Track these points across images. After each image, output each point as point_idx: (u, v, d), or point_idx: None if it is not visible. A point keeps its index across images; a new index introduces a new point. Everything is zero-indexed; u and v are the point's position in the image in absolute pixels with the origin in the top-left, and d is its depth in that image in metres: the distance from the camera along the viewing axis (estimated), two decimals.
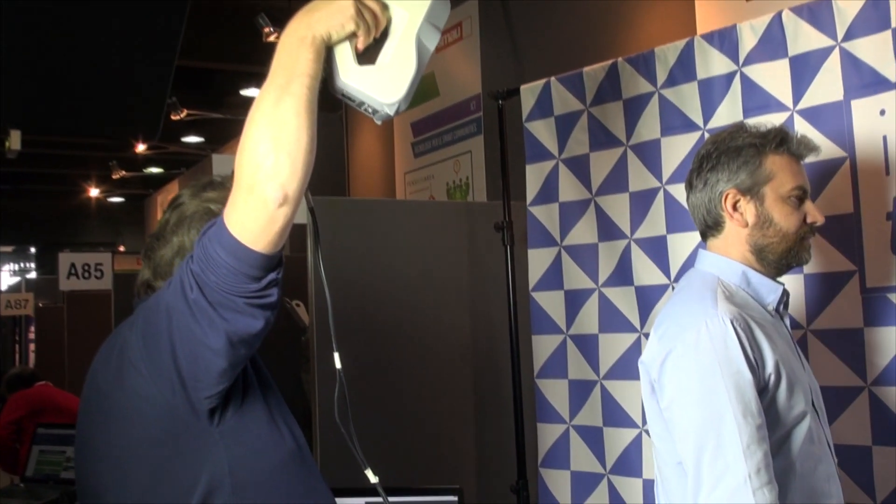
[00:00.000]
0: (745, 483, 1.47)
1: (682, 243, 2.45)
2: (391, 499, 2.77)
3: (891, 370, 2.07)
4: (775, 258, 1.67)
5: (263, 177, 1.23)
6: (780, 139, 1.68)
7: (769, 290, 1.68)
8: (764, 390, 1.55)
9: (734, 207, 1.69)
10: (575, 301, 2.78)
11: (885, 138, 2.06)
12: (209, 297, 1.30)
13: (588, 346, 2.74)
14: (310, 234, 2.95)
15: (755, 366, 1.54)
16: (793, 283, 2.13)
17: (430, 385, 3.14)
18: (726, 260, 1.70)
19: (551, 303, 2.85)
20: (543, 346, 2.87)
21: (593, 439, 2.73)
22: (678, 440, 1.57)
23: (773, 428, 1.56)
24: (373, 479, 1.43)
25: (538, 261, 2.88)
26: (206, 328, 1.31)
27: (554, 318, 2.84)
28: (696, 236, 2.36)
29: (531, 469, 2.89)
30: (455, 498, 2.66)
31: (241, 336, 1.32)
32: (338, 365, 1.42)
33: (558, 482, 2.82)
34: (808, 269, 2.19)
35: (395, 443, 3.04)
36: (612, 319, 2.66)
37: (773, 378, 1.55)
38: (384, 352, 3.08)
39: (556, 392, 2.84)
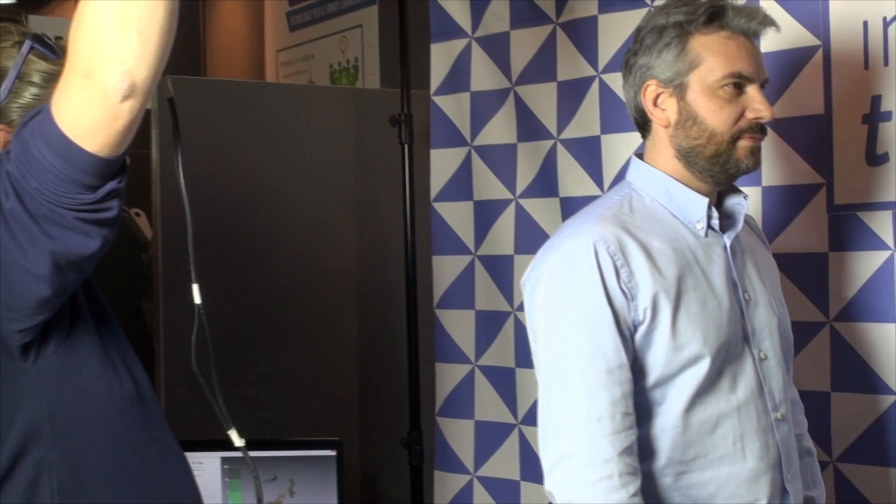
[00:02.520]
0: (582, 431, 1.54)
1: (619, 146, 2.46)
2: (258, 454, 2.79)
3: (857, 304, 2.14)
4: (705, 164, 1.66)
5: (104, 60, 1.19)
6: (711, 14, 1.64)
7: (695, 206, 1.69)
8: (639, 326, 1.59)
9: (654, 103, 1.69)
10: (486, 214, 2.79)
11: (865, 24, 2.09)
12: (30, 208, 1.26)
13: (500, 269, 2.76)
14: (154, 125, 2.88)
15: (624, 297, 1.58)
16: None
17: (305, 316, 3.14)
18: (648, 168, 1.72)
19: (457, 216, 2.85)
20: (446, 269, 2.88)
21: (503, 382, 2.77)
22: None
23: (649, 371, 1.61)
24: (238, 441, 1.45)
25: (443, 164, 2.87)
26: (25, 246, 1.27)
27: (460, 235, 2.85)
28: (635, 138, 2.39)
29: (427, 418, 2.92)
30: (333, 452, 2.73)
31: (70, 258, 1.29)
32: (197, 300, 1.42)
33: (459, 434, 2.86)
34: (766, 180, 2.24)
35: (263, 386, 3.04)
36: (530, 237, 2.67)
37: (648, 313, 1.59)
38: (248, 275, 3.06)
39: (459, 325, 2.86)
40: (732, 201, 1.75)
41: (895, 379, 2.09)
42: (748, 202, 1.75)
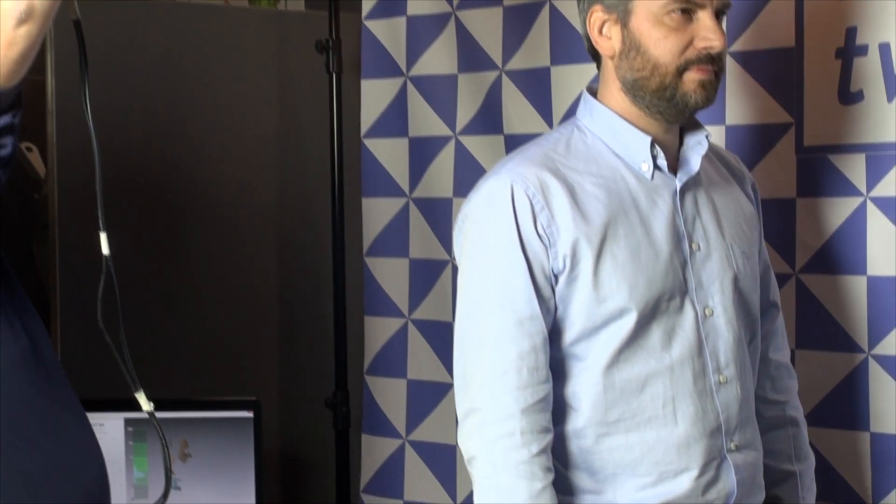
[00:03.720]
0: (486, 385, 1.61)
1: (571, 78, 2.45)
2: (164, 415, 2.77)
3: (826, 254, 2.17)
4: (651, 98, 1.67)
5: None
6: None
7: (639, 144, 1.70)
8: (560, 275, 1.63)
9: (600, 31, 1.70)
10: (423, 152, 2.77)
11: None
12: None
13: (438, 214, 2.75)
14: (49, 48, 2.80)
15: (542, 244, 1.62)
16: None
17: (219, 263, 3.12)
18: (595, 104, 1.74)
19: (390, 154, 2.83)
20: (377, 213, 2.86)
21: (439, 338, 2.76)
22: None
23: (571, 324, 1.65)
24: (146, 406, 1.47)
25: (375, 96, 2.84)
26: None
27: (393, 176, 2.83)
28: (589, 70, 2.37)
29: (354, 378, 2.92)
30: (250, 414, 2.73)
31: None
32: (105, 250, 1.41)
33: (390, 394, 2.86)
34: (730, 118, 2.24)
35: (171, 341, 3.02)
36: (471, 179, 2.60)
37: (567, 261, 1.62)
38: (155, 218, 3.02)
39: (392, 275, 2.85)
40: (692, 140, 1.74)
41: (865, 336, 2.12)
42: (710, 141, 1.75)
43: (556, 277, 1.62)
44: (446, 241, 2.72)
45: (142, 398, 1.46)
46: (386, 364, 2.87)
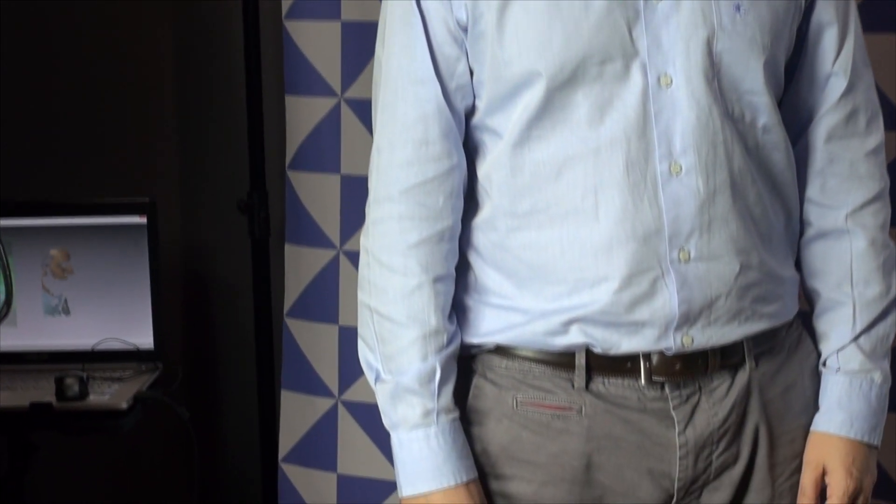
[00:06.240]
0: (374, 159, 1.68)
1: None
2: (38, 222, 2.73)
3: None
4: None
5: None
6: None
7: None
8: (467, 30, 1.63)
9: None
10: None
11: None
12: None
13: None
14: None
15: None
16: None
17: (99, 32, 3.10)
18: None
19: None
20: None
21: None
22: None
23: (482, 93, 1.66)
24: None
25: None
26: None
27: None
28: None
29: (273, 175, 2.91)
30: (143, 219, 2.79)
31: None
32: None
33: (319, 194, 2.79)
34: None
35: (44, 129, 3.04)
36: None
37: (469, 11, 1.62)
38: None
39: (319, 43, 2.75)
40: None
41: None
42: None
43: (466, 33, 1.63)
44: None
45: None
46: (313, 156, 2.79)
